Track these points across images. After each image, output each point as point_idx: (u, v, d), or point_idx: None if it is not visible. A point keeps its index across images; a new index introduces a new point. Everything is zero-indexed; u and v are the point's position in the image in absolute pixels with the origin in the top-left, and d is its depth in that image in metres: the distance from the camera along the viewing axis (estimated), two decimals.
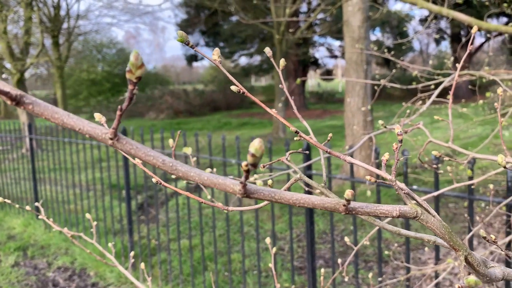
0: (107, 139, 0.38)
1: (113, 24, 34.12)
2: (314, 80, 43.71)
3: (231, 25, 22.42)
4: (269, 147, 3.23)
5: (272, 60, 0.77)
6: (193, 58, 27.10)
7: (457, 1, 4.08)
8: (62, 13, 16.06)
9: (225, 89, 25.35)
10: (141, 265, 1.39)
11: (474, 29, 1.11)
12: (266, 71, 26.17)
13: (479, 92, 3.29)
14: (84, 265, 4.54)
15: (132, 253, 1.46)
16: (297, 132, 0.59)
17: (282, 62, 0.77)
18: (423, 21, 22.70)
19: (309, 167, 3.01)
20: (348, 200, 0.43)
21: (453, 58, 3.39)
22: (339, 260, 1.49)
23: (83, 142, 4.86)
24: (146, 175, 4.34)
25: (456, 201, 6.25)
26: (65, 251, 4.92)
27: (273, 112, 0.63)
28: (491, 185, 2.01)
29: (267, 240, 1.33)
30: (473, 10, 13.10)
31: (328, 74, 27.00)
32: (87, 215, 1.39)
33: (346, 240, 1.48)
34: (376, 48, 4.26)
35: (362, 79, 6.88)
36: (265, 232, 5.29)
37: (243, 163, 0.35)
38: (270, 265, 1.35)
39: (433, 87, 2.99)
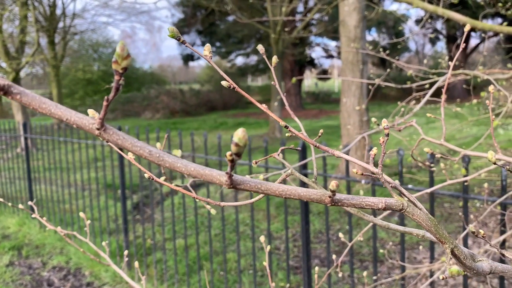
0: (94, 129, 0.38)
1: (109, 23, 34.03)
2: (310, 80, 43.78)
3: (227, 25, 22.42)
4: (265, 146, 3.24)
5: (264, 57, 0.78)
6: (190, 58, 27.07)
7: (453, 1, 4.10)
8: (58, 12, 16.02)
9: (222, 89, 25.34)
10: (135, 263, 1.39)
11: (467, 26, 1.12)
12: (263, 71, 26.18)
13: (474, 92, 3.31)
14: (79, 265, 4.52)
15: (126, 251, 1.46)
16: (287, 127, 0.59)
17: (275, 59, 0.78)
18: (419, 21, 22.76)
19: (305, 166, 3.02)
20: (334, 191, 0.43)
21: (448, 57, 3.41)
22: (334, 256, 1.49)
23: (78, 142, 4.84)
24: (141, 174, 4.33)
25: (451, 200, 6.28)
26: (60, 251, 4.91)
27: (264, 107, 0.63)
28: (485, 184, 2.02)
29: (262, 238, 1.33)
30: (469, 11, 13.14)
31: (324, 74, 27.04)
32: (81, 214, 1.39)
33: (340, 236, 1.49)
34: (372, 48, 4.28)
35: (358, 79, 6.90)
36: (261, 232, 5.29)
37: (227, 153, 0.35)
38: (264, 263, 1.36)
39: (427, 86, 3.00)
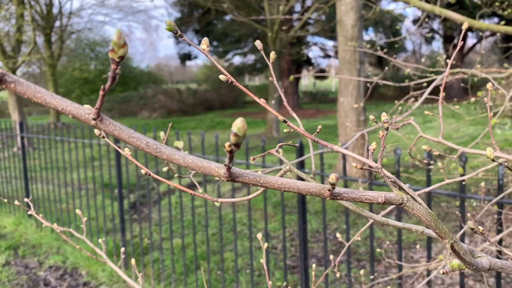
0: (90, 120, 0.37)
1: (106, 22, 33.88)
2: (307, 80, 43.82)
3: (224, 24, 22.40)
4: (262, 146, 3.24)
5: (262, 53, 0.77)
6: (187, 57, 27.04)
7: (450, 1, 4.11)
8: (55, 10, 15.96)
9: (219, 89, 25.33)
10: (132, 261, 1.38)
11: (464, 25, 1.12)
12: (260, 70, 26.18)
13: (471, 91, 3.31)
14: (75, 264, 4.51)
15: (122, 249, 1.46)
16: (286, 122, 0.59)
17: (273, 55, 0.77)
18: (416, 21, 22.81)
19: (302, 165, 3.02)
20: (333, 185, 0.42)
21: (445, 56, 3.41)
22: (331, 256, 1.49)
23: (75, 141, 4.82)
24: (138, 174, 4.32)
25: (448, 200, 6.29)
26: (57, 250, 4.89)
27: (262, 101, 0.63)
28: (482, 183, 2.02)
29: (259, 235, 1.33)
30: (466, 11, 13.18)
31: (322, 72, 27.08)
32: (77, 211, 1.38)
33: (338, 236, 1.48)
34: (370, 47, 4.28)
35: (355, 77, 6.90)
36: (258, 231, 5.29)
37: (226, 144, 0.35)
38: (261, 260, 1.35)
39: (425, 85, 3.00)
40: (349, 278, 2.85)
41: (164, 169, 1.29)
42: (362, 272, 1.79)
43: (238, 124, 0.33)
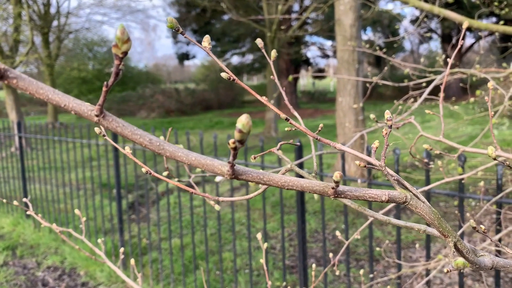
0: (93, 116, 0.37)
1: (104, 22, 33.91)
2: (306, 80, 43.85)
3: (223, 24, 22.40)
4: (261, 145, 3.23)
5: (263, 50, 0.77)
6: (185, 57, 27.03)
7: (448, 1, 4.11)
8: (52, 10, 15.93)
9: (217, 88, 25.33)
10: (131, 261, 1.37)
11: (464, 24, 1.12)
12: (258, 70, 26.19)
13: (470, 91, 3.31)
14: (74, 265, 4.50)
15: (122, 249, 1.45)
16: (288, 120, 0.58)
17: (274, 53, 0.77)
18: (414, 21, 22.86)
19: (301, 166, 3.01)
20: (337, 182, 0.42)
21: (444, 56, 3.41)
22: (330, 255, 1.49)
23: (73, 141, 4.81)
24: (137, 173, 4.31)
25: (446, 199, 6.30)
26: (55, 251, 4.88)
27: (264, 99, 0.62)
28: (481, 183, 2.02)
29: (258, 235, 1.32)
30: (464, 11, 13.20)
31: (320, 72, 27.10)
32: (76, 211, 1.38)
33: (337, 234, 1.48)
34: (368, 47, 4.28)
35: (354, 77, 6.91)
36: (257, 231, 5.28)
37: (230, 140, 0.34)
38: (261, 261, 1.35)
39: (424, 85, 3.00)
40: (348, 278, 2.85)
41: (164, 173, 1.28)
42: (361, 272, 1.79)
43: (243, 120, 0.33)
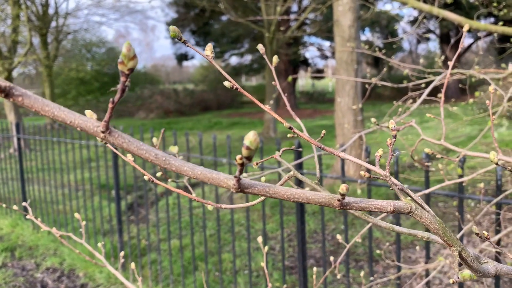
0: (99, 132, 0.37)
1: (103, 23, 33.85)
2: (304, 80, 43.87)
3: (221, 24, 22.40)
4: (260, 146, 3.23)
5: (265, 56, 0.77)
6: (183, 57, 27.02)
7: (447, 1, 4.12)
8: (51, 11, 15.90)
9: (216, 89, 25.33)
10: (132, 264, 1.37)
11: (465, 27, 1.12)
12: (257, 70, 26.20)
13: (468, 92, 3.32)
14: (73, 266, 4.49)
15: (122, 253, 1.45)
16: (291, 128, 0.58)
17: (275, 59, 0.77)
18: (413, 22, 22.88)
19: (300, 166, 3.01)
20: (343, 195, 0.42)
21: (443, 57, 3.41)
22: (331, 258, 1.49)
23: (72, 142, 4.80)
24: (136, 174, 4.31)
25: (445, 200, 6.30)
26: (54, 252, 4.87)
27: (267, 108, 0.62)
28: (481, 184, 2.03)
29: (259, 239, 1.32)
30: (462, 11, 13.23)
31: (319, 73, 27.11)
32: (76, 215, 1.37)
33: (338, 237, 1.48)
34: (367, 48, 4.28)
35: (353, 78, 6.91)
36: (256, 232, 5.28)
37: (238, 156, 0.34)
38: (262, 264, 1.35)
39: (423, 86, 3.00)
40: (348, 279, 2.85)
41: (158, 174, 1.29)
42: (362, 274, 1.79)
43: (251, 137, 0.33)
